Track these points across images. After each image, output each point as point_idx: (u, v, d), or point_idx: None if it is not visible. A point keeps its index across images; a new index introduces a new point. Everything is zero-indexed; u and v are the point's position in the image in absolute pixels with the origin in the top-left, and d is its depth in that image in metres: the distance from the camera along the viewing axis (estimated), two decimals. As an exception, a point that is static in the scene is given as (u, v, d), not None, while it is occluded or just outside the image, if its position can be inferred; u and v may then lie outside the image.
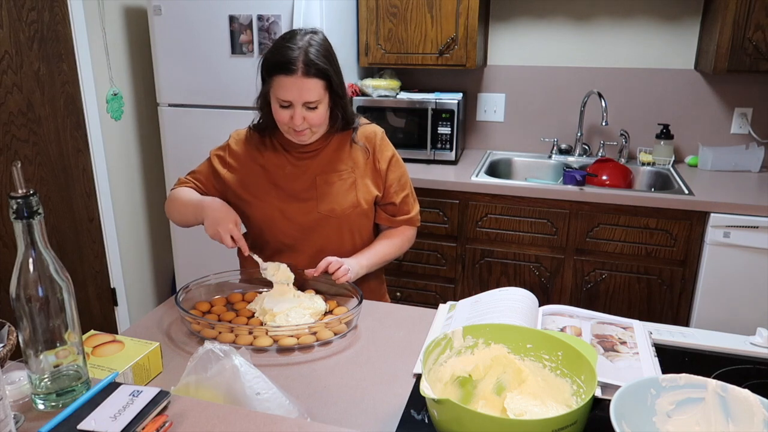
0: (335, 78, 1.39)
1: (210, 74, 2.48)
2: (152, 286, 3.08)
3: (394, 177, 1.55)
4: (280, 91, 1.36)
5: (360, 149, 1.52)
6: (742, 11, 2.22)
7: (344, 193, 1.49)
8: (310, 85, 1.35)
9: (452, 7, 2.50)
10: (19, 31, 2.23)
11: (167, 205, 1.56)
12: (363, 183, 1.51)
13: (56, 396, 0.84)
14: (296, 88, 1.34)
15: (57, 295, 0.81)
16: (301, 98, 1.35)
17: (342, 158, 1.51)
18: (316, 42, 1.37)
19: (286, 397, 0.95)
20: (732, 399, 0.89)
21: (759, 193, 2.27)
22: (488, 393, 1.00)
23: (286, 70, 1.33)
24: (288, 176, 1.49)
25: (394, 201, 1.56)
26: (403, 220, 1.58)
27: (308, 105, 1.37)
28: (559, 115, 2.83)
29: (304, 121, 1.38)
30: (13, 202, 0.77)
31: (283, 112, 1.38)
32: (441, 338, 1.01)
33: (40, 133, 2.36)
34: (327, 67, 1.36)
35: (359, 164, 1.51)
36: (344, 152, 1.51)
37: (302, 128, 1.39)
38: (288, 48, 1.35)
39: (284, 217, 1.49)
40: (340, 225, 1.50)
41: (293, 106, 1.36)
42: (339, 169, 1.50)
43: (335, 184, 1.49)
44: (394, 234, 1.59)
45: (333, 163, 1.50)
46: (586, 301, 2.39)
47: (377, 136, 1.54)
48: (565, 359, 0.99)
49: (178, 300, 1.30)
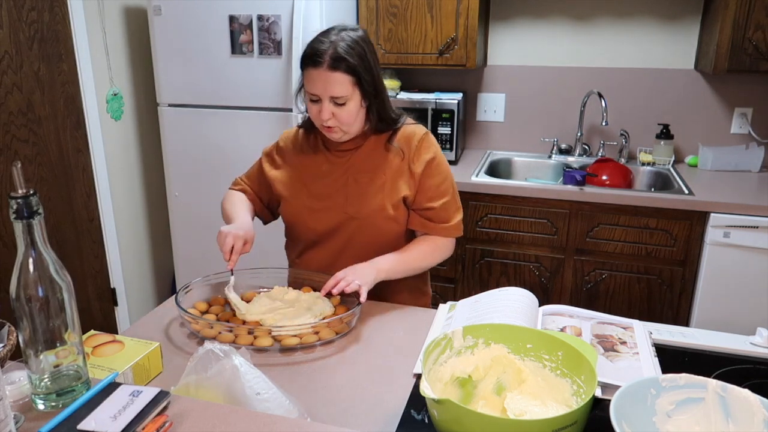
0: (365, 75, 1.35)
1: (210, 74, 2.48)
2: (152, 286, 3.08)
3: (433, 182, 1.46)
4: (308, 84, 1.36)
5: (396, 151, 1.46)
6: (742, 11, 2.22)
7: (372, 195, 1.45)
8: (336, 78, 1.32)
9: (452, 7, 2.50)
10: (19, 31, 2.23)
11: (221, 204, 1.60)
12: (393, 187, 1.45)
13: (56, 396, 0.84)
14: (321, 81, 1.33)
15: (57, 295, 0.81)
16: (327, 92, 1.33)
17: (376, 159, 1.46)
18: (349, 38, 1.34)
19: (286, 397, 0.95)
20: (732, 399, 0.89)
21: (759, 193, 2.27)
22: (488, 393, 1.00)
23: (313, 63, 1.33)
24: (323, 175, 1.48)
25: (429, 206, 1.47)
26: (437, 227, 1.49)
27: (336, 100, 1.34)
28: (559, 115, 2.83)
29: (333, 117, 1.36)
30: (13, 202, 0.77)
31: (313, 106, 1.38)
32: (441, 338, 1.01)
33: (40, 133, 2.36)
34: (355, 62, 1.33)
35: (393, 167, 1.45)
36: (379, 153, 1.46)
37: (330, 124, 1.37)
38: (319, 41, 1.34)
39: (312, 215, 1.48)
40: (364, 227, 1.46)
41: (321, 100, 1.35)
42: (370, 171, 1.45)
43: (365, 186, 1.45)
44: (425, 241, 1.50)
45: (366, 164, 1.46)
46: (586, 301, 2.39)
47: (415, 137, 1.47)
48: (565, 359, 0.99)
49: (178, 300, 1.30)
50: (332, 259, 1.49)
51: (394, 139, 1.46)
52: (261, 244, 2.21)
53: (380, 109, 1.42)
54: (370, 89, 1.37)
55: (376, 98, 1.40)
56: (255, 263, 1.49)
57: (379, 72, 1.41)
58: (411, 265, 1.47)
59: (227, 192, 1.62)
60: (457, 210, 1.53)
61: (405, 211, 1.48)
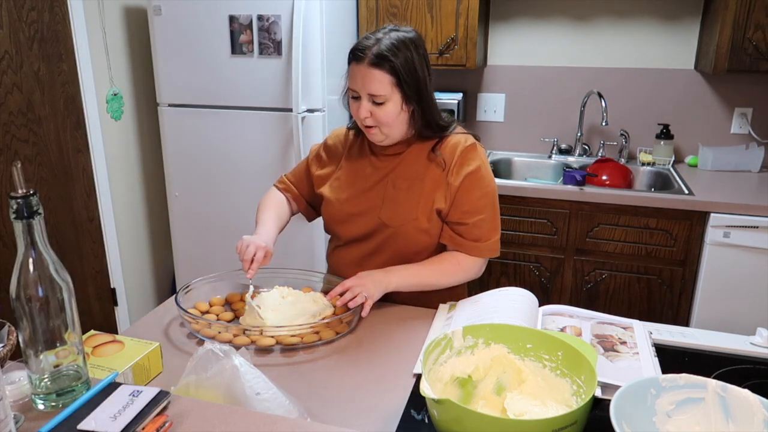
0: (406, 77, 1.31)
1: (210, 74, 2.48)
2: (152, 286, 3.08)
3: (469, 197, 1.39)
4: (350, 80, 1.35)
5: (438, 161, 1.40)
6: (742, 11, 2.22)
7: (406, 203, 1.40)
8: (375, 76, 1.30)
9: (452, 7, 2.50)
10: (19, 31, 2.23)
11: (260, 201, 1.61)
12: (429, 197, 1.39)
13: (56, 396, 0.84)
14: (360, 76, 1.31)
15: (57, 295, 0.81)
16: (365, 88, 1.31)
17: (417, 168, 1.41)
18: (396, 37, 1.31)
19: (286, 397, 0.95)
20: (732, 399, 0.89)
21: (759, 193, 2.27)
22: (488, 393, 1.00)
23: (355, 58, 1.32)
24: (366, 178, 1.46)
25: (462, 221, 1.40)
26: (466, 244, 1.40)
27: (374, 99, 1.32)
28: (559, 115, 2.83)
29: (371, 117, 1.34)
30: (13, 202, 0.77)
31: (353, 103, 1.36)
32: (441, 338, 1.01)
33: (40, 133, 2.36)
34: (397, 62, 1.29)
35: (432, 177, 1.40)
36: (422, 162, 1.41)
37: (369, 123, 1.35)
38: (367, 37, 1.33)
39: (349, 218, 1.47)
40: (395, 236, 1.42)
41: (361, 98, 1.34)
42: (409, 179, 1.41)
43: (402, 194, 1.41)
44: (448, 258, 1.43)
45: (407, 172, 1.42)
46: (586, 301, 2.39)
47: (459, 147, 1.40)
48: (565, 359, 0.99)
49: (178, 300, 1.30)
50: (361, 261, 1.46)
51: (438, 147, 1.41)
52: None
53: (425, 114, 1.37)
54: (411, 93, 1.33)
55: (419, 103, 1.35)
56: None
57: (426, 76, 1.36)
58: (426, 281, 1.41)
59: (270, 190, 1.61)
60: (493, 229, 1.43)
61: (439, 224, 1.42)
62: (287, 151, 2.46)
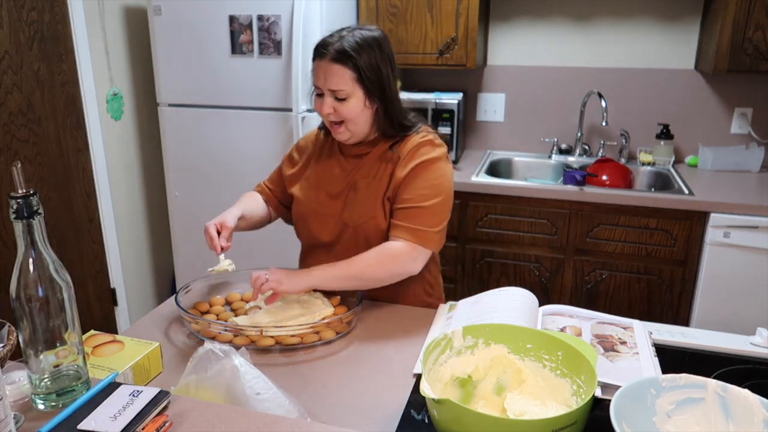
0: (368, 73, 1.31)
1: (210, 74, 2.48)
2: (152, 286, 3.08)
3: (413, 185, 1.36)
4: (314, 77, 1.37)
5: (393, 157, 1.40)
6: (742, 11, 2.22)
7: (365, 202, 1.41)
8: (335, 71, 1.31)
9: (452, 7, 2.50)
10: (19, 31, 2.23)
11: None
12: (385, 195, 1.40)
13: (56, 396, 0.84)
14: (322, 72, 1.34)
15: (57, 295, 0.81)
16: (327, 84, 1.33)
17: (380, 167, 1.42)
18: (360, 35, 1.32)
19: (286, 397, 0.95)
20: (732, 399, 0.89)
21: (759, 193, 2.27)
22: (488, 393, 1.00)
23: (318, 54, 1.35)
24: (333, 178, 1.46)
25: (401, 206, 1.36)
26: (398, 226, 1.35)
27: (336, 94, 1.33)
28: (559, 115, 2.83)
29: (335, 113, 1.34)
30: (13, 202, 0.77)
31: (317, 100, 1.38)
32: (441, 338, 1.01)
33: (40, 133, 2.36)
34: (358, 58, 1.30)
35: (388, 173, 1.40)
36: (385, 161, 1.41)
37: (333, 119, 1.36)
38: (330, 35, 1.35)
39: (316, 219, 1.47)
40: (356, 235, 1.42)
41: (324, 94, 1.35)
42: (371, 178, 1.42)
43: (361, 193, 1.42)
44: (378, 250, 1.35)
45: (371, 171, 1.43)
46: (586, 301, 2.39)
47: (413, 143, 1.39)
48: (565, 359, 0.99)
49: (178, 300, 1.30)
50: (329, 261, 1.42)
51: (397, 145, 1.40)
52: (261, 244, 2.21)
53: (388, 112, 1.38)
54: (374, 89, 1.33)
55: (382, 101, 1.36)
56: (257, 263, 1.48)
57: (390, 73, 1.36)
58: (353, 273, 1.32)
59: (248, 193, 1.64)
60: (434, 222, 1.36)
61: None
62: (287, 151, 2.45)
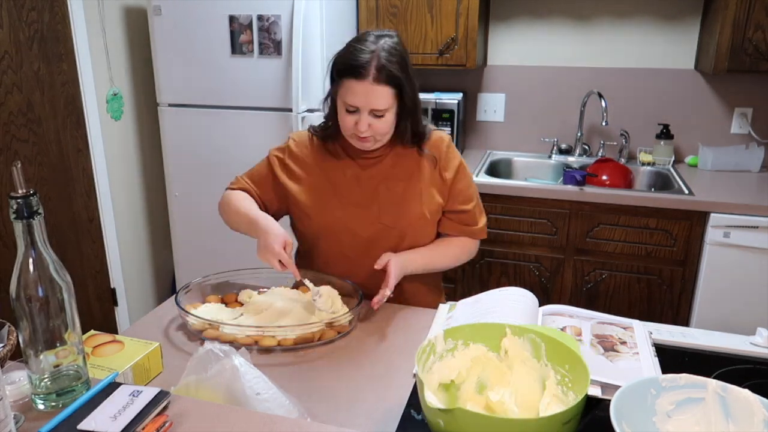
0: (407, 87, 1.32)
1: (210, 74, 2.48)
2: (152, 286, 3.08)
3: (462, 186, 1.47)
4: (348, 96, 1.30)
5: (427, 158, 1.44)
6: (742, 11, 2.22)
7: (408, 203, 1.42)
8: (380, 92, 1.29)
9: (452, 7, 2.50)
10: (19, 31, 2.23)
11: (221, 205, 1.50)
12: (428, 193, 1.43)
13: (56, 396, 0.84)
14: (364, 94, 1.28)
15: (57, 295, 0.81)
16: (369, 105, 1.30)
17: (407, 167, 1.43)
18: (389, 46, 1.30)
19: (286, 397, 0.95)
20: (732, 399, 0.89)
21: (759, 193, 2.27)
22: (471, 393, 1.00)
23: (356, 74, 1.27)
24: (350, 183, 1.43)
25: (463, 209, 1.48)
26: (468, 230, 1.50)
27: (375, 112, 1.31)
28: (559, 115, 2.83)
29: (369, 128, 1.32)
30: (13, 202, 0.77)
31: (349, 117, 1.32)
32: (426, 345, 1.00)
33: (40, 133, 2.36)
34: (399, 74, 1.30)
35: (425, 173, 1.44)
36: (410, 160, 1.44)
37: (366, 135, 1.34)
38: (360, 50, 1.28)
39: (345, 227, 1.42)
40: (402, 237, 1.43)
41: (360, 111, 1.31)
42: (404, 178, 1.42)
43: (399, 194, 1.42)
44: (454, 242, 1.50)
45: (397, 172, 1.43)
46: (586, 301, 2.39)
47: (444, 143, 1.46)
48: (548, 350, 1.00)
49: (178, 300, 1.30)
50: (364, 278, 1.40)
51: (424, 145, 1.44)
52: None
53: (416, 121, 1.39)
54: (410, 102, 1.34)
55: (412, 111, 1.36)
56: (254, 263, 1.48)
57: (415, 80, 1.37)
58: (438, 264, 1.49)
59: (228, 193, 1.49)
60: (482, 213, 1.54)
61: (438, 217, 1.48)
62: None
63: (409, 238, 1.43)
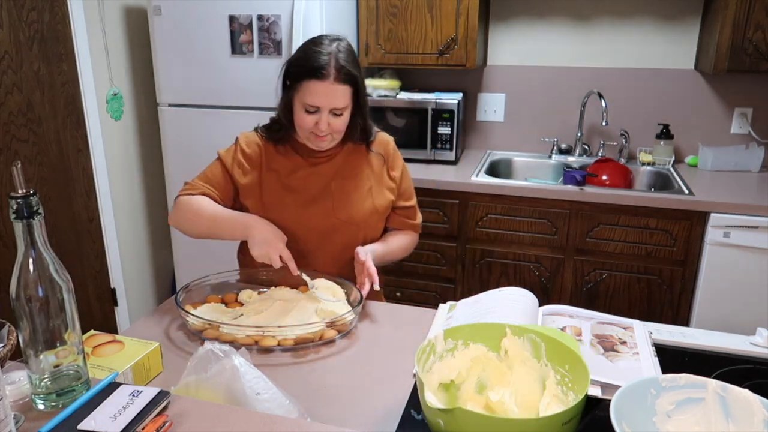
0: (362, 85, 1.41)
1: (210, 74, 2.48)
2: (152, 286, 3.08)
3: (407, 185, 1.60)
4: (309, 97, 1.35)
5: (375, 156, 1.53)
6: (742, 11, 2.22)
7: (362, 199, 1.49)
8: (341, 91, 1.35)
9: (452, 7, 2.50)
10: (19, 31, 2.23)
11: (179, 213, 1.46)
12: (379, 189, 1.52)
13: (56, 396, 0.84)
14: (326, 94, 1.34)
15: (57, 295, 0.81)
16: (330, 104, 1.35)
17: (357, 164, 1.51)
18: (344, 48, 1.38)
19: (286, 397, 0.95)
20: (732, 399, 0.89)
21: (759, 193, 2.27)
22: (471, 393, 1.00)
23: (317, 76, 1.33)
24: (303, 181, 1.47)
25: (407, 205, 1.60)
26: (412, 224, 1.62)
27: (335, 111, 1.37)
28: (559, 115, 2.83)
29: (329, 127, 1.38)
30: (13, 202, 0.77)
31: (309, 117, 1.38)
32: (426, 345, 1.00)
33: (40, 133, 2.36)
34: (356, 73, 1.37)
35: (374, 171, 1.53)
36: (359, 158, 1.52)
37: (325, 134, 1.40)
38: (318, 53, 1.34)
39: (301, 223, 1.46)
40: (357, 231, 1.50)
41: (320, 111, 1.37)
42: (355, 175, 1.50)
43: (352, 190, 1.49)
44: (403, 235, 1.60)
45: (348, 169, 1.50)
46: (586, 301, 2.39)
47: (390, 145, 1.57)
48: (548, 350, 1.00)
49: (178, 300, 1.30)
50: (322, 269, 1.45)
51: (372, 145, 1.53)
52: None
53: (365, 118, 1.47)
54: (363, 100, 1.43)
55: (363, 108, 1.44)
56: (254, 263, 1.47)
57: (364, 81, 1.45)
58: (394, 255, 1.56)
59: (186, 199, 1.45)
60: (419, 211, 1.65)
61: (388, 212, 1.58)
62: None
63: (362, 232, 1.51)
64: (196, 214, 1.43)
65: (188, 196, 1.46)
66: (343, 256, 1.48)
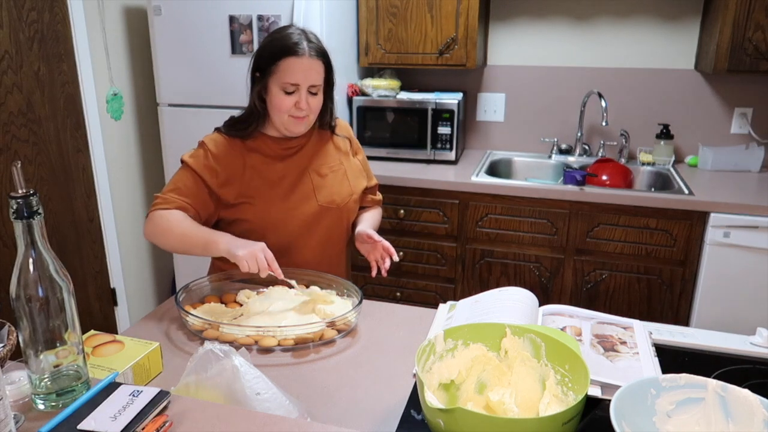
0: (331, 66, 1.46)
1: (210, 74, 2.48)
2: (152, 286, 3.08)
3: (366, 164, 1.69)
4: (288, 75, 1.38)
5: (341, 140, 1.61)
6: (742, 11, 2.22)
7: (339, 183, 1.55)
8: (316, 66, 1.40)
9: (452, 7, 2.50)
10: (19, 31, 2.23)
11: (154, 226, 1.40)
12: (352, 172, 1.60)
13: (56, 396, 0.84)
14: (303, 69, 1.38)
15: (57, 295, 0.81)
16: (308, 80, 1.39)
17: (327, 150, 1.57)
18: (309, 30, 1.45)
19: (286, 397, 0.95)
20: (732, 399, 0.89)
21: (759, 193, 2.27)
22: (471, 393, 1.00)
23: (293, 52, 1.37)
24: (280, 173, 1.49)
25: (371, 185, 1.69)
26: (376, 200, 1.72)
27: (311, 89, 1.41)
28: (559, 115, 2.83)
29: (308, 107, 1.42)
30: (13, 202, 0.77)
31: (288, 98, 1.40)
32: (426, 345, 1.00)
33: (40, 133, 2.36)
34: (326, 50, 1.43)
35: (343, 154, 1.60)
36: (327, 144, 1.58)
37: (305, 113, 1.43)
38: (289, 34, 1.40)
39: (288, 214, 1.48)
40: (340, 215, 1.55)
41: (299, 90, 1.40)
42: (328, 161, 1.56)
43: (328, 176, 1.54)
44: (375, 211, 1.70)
45: (321, 156, 1.55)
46: (586, 301, 2.39)
47: (350, 128, 1.67)
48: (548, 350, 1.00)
49: (178, 300, 1.30)
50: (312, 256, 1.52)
51: (336, 129, 1.60)
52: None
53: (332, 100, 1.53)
54: (332, 80, 1.48)
55: (332, 89, 1.50)
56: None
57: None
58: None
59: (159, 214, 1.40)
60: None
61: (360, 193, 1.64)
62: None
63: (344, 214, 1.57)
64: (170, 231, 1.39)
65: (162, 211, 1.40)
66: (328, 242, 1.55)
